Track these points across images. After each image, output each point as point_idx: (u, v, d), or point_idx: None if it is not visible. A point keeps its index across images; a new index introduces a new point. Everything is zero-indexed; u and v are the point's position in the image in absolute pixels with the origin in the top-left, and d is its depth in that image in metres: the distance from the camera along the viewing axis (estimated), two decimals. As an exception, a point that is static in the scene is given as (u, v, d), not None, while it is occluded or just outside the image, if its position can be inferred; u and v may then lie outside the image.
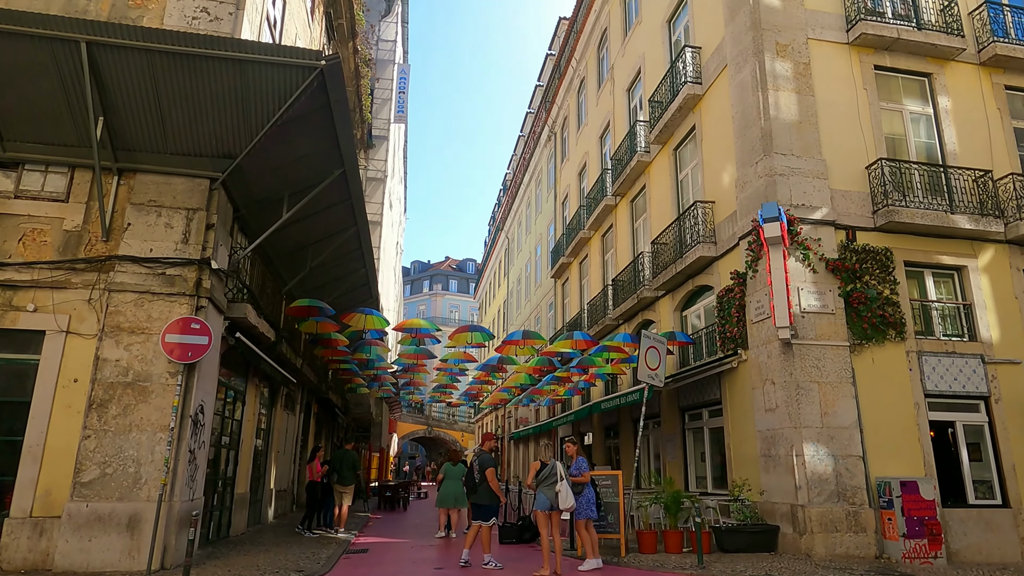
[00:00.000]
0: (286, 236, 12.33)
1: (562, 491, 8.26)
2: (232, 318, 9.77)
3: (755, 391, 11.01)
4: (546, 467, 8.46)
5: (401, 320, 13.76)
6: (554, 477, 8.33)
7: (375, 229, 27.35)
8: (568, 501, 8.32)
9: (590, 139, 23.04)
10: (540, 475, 8.46)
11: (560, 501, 8.29)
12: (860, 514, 9.70)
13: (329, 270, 14.90)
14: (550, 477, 8.38)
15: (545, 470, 8.44)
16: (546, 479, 8.40)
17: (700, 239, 12.97)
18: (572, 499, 8.35)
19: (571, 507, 8.38)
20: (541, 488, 8.40)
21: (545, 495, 8.36)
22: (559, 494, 8.26)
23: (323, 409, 21.47)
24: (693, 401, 13.74)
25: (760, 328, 10.97)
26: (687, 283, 14.11)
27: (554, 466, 8.42)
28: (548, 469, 8.43)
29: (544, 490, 8.37)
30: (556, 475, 8.32)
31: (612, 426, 19.25)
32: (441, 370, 17.53)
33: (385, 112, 29.12)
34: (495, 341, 21.72)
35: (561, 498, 8.28)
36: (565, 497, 8.31)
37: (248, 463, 12.07)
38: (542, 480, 8.41)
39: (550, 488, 8.34)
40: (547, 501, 8.34)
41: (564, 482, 8.31)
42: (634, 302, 16.29)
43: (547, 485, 8.37)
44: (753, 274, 11.18)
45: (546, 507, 8.37)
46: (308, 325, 13.17)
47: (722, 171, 12.91)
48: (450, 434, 55.09)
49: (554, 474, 8.34)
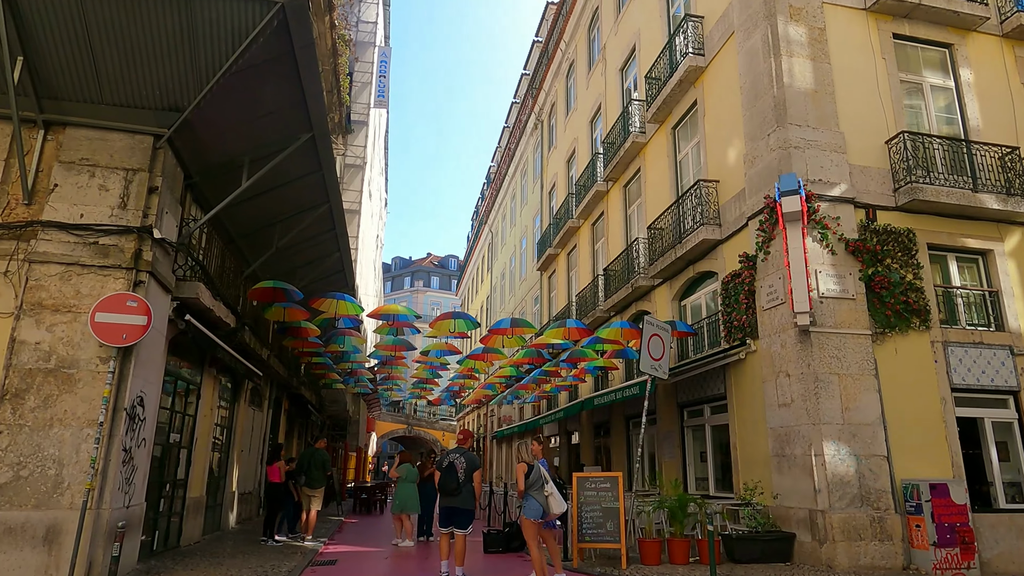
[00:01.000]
0: (249, 211, 11.14)
1: (553, 495, 7.38)
2: (181, 298, 8.57)
3: (766, 384, 10.02)
4: (533, 469, 7.49)
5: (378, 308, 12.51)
6: (541, 480, 7.43)
7: (353, 218, 26.09)
8: (561, 505, 7.44)
9: (579, 124, 22.01)
10: (528, 479, 7.45)
11: (553, 506, 7.36)
12: (886, 520, 8.75)
13: (300, 253, 13.69)
14: (538, 480, 7.45)
15: (533, 473, 7.48)
16: (534, 483, 7.45)
17: (703, 221, 11.97)
18: (564, 504, 7.48)
19: (562, 512, 7.47)
20: (530, 493, 7.42)
21: (536, 501, 7.38)
22: (549, 498, 7.35)
23: (295, 406, 20.21)
24: (693, 396, 12.74)
25: (773, 315, 9.98)
26: (687, 270, 13.10)
27: (539, 468, 7.51)
28: (535, 472, 7.48)
29: (534, 495, 7.41)
30: (542, 478, 7.44)
31: (602, 424, 18.22)
32: (421, 363, 16.29)
33: (365, 96, 27.84)
34: (480, 331, 20.60)
35: (553, 503, 7.37)
36: (558, 501, 7.43)
37: (204, 463, 10.84)
38: (530, 484, 7.44)
39: (540, 493, 7.40)
40: (539, 508, 7.36)
41: (551, 484, 7.47)
42: (628, 292, 15.27)
43: (536, 490, 7.43)
44: (765, 256, 10.19)
45: (538, 515, 7.38)
46: (274, 312, 11.95)
47: (728, 147, 11.93)
48: (431, 433, 53.80)
49: (541, 477, 7.44)
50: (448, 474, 7.82)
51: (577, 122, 22.39)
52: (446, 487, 7.76)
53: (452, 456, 8.03)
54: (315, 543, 10.92)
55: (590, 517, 8.81)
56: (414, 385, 20.76)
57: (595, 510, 8.82)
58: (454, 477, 7.80)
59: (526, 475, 7.42)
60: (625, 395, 11.86)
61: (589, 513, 8.82)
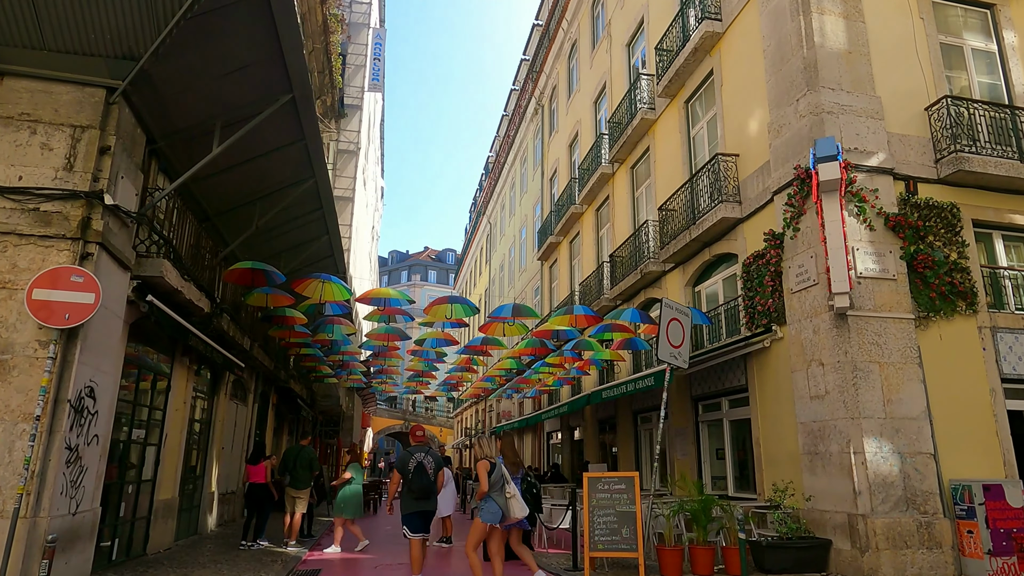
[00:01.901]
0: (225, 186, 10.16)
1: (515, 497, 6.69)
2: (143, 277, 7.58)
3: (796, 374, 9.07)
4: (495, 468, 6.82)
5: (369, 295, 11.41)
6: (502, 480, 6.76)
7: (347, 206, 25.11)
8: (523, 509, 6.71)
9: (583, 106, 21.02)
10: (490, 479, 6.75)
11: (514, 509, 6.62)
12: (934, 526, 7.82)
13: (284, 236, 12.71)
14: (499, 480, 6.78)
15: (495, 472, 6.79)
16: (495, 483, 6.77)
17: (722, 199, 11.01)
18: (525, 507, 6.78)
19: (523, 516, 6.74)
20: (490, 495, 6.74)
21: (496, 503, 6.68)
22: (511, 501, 6.65)
23: (284, 401, 19.23)
24: (709, 389, 11.80)
25: (803, 298, 9.03)
26: (703, 252, 12.14)
27: (500, 464, 6.89)
28: (497, 471, 6.80)
29: (494, 497, 6.72)
30: (503, 478, 6.78)
31: (608, 420, 17.29)
32: (416, 354, 15.31)
33: (358, 80, 26.83)
34: (480, 318, 19.58)
35: (515, 506, 6.64)
36: (520, 504, 6.70)
37: (177, 462, 9.87)
38: (491, 485, 6.76)
39: (501, 494, 6.72)
40: (498, 511, 6.67)
41: (512, 484, 6.79)
42: (636, 278, 14.32)
43: (496, 491, 6.75)
44: (794, 234, 9.24)
45: (496, 519, 6.68)
46: (256, 298, 10.96)
47: (748, 118, 10.96)
48: (429, 429, 52.93)
49: (502, 476, 6.78)
50: (419, 475, 7.12)
51: (580, 104, 21.40)
52: (421, 490, 7.11)
53: (418, 456, 7.27)
54: (298, 549, 9.97)
55: (603, 522, 7.86)
56: (409, 378, 19.78)
57: (609, 514, 7.88)
58: (427, 478, 7.13)
59: (489, 473, 6.71)
60: (638, 387, 10.91)
61: (602, 518, 7.88)
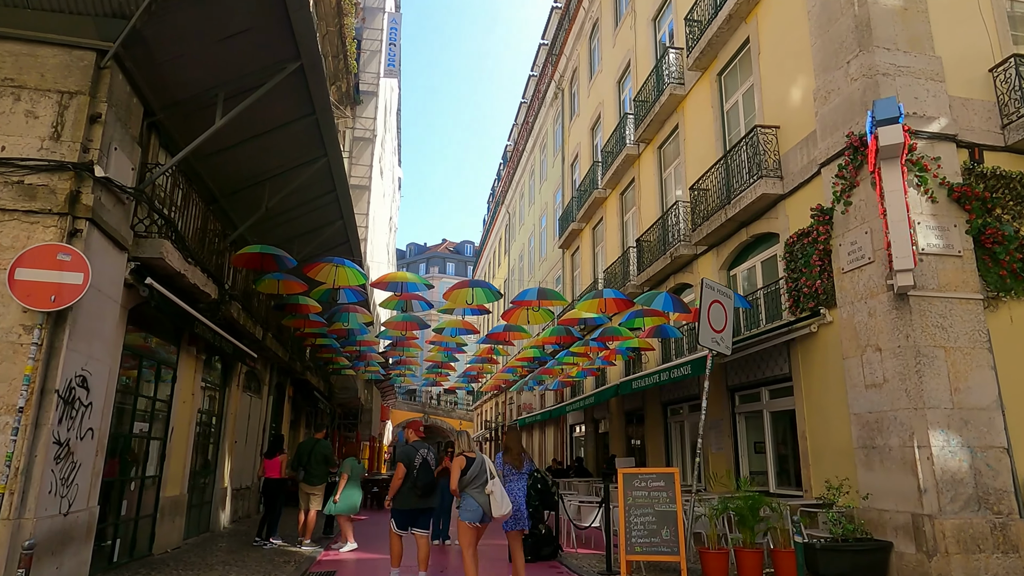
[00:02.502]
0: (232, 165, 9.61)
1: (495, 493, 6.38)
2: (141, 259, 7.04)
3: (848, 361, 8.31)
4: (473, 463, 6.54)
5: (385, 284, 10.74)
6: (484, 476, 6.50)
7: (363, 194, 24.60)
8: (505, 506, 6.39)
9: (605, 87, 20.23)
10: (467, 475, 6.49)
11: (494, 507, 6.32)
12: (1009, 527, 7.05)
13: (297, 221, 12.17)
14: (479, 477, 6.50)
15: (473, 468, 6.52)
16: (474, 480, 6.49)
17: (761, 174, 10.24)
18: (509, 504, 6.45)
19: (508, 514, 6.43)
20: (468, 492, 6.47)
21: (476, 501, 6.41)
22: (491, 497, 6.35)
23: (301, 393, 18.80)
24: (748, 378, 11.06)
25: (856, 278, 8.26)
26: (739, 233, 11.38)
27: (482, 462, 6.59)
28: (476, 466, 6.53)
29: (473, 494, 6.44)
30: (486, 473, 6.51)
31: (635, 412, 16.60)
32: (435, 343, 14.67)
33: (374, 66, 26.24)
34: (503, 304, 18.88)
35: (495, 503, 6.33)
36: (500, 501, 6.37)
37: (185, 457, 9.38)
38: (469, 481, 6.49)
39: (480, 492, 6.43)
40: (477, 509, 6.38)
41: (496, 480, 6.50)
42: (665, 263, 13.59)
43: (476, 488, 6.47)
44: (845, 208, 8.47)
45: (475, 517, 6.39)
46: (267, 285, 10.43)
47: (790, 86, 10.18)
48: (448, 422, 52.52)
49: (484, 472, 6.52)
50: (425, 472, 7.16)
51: (602, 85, 20.62)
52: (424, 487, 7.13)
53: (423, 451, 7.33)
54: (313, 549, 9.45)
55: (641, 523, 7.21)
56: (428, 370, 19.20)
57: (647, 514, 7.22)
58: (430, 476, 7.21)
59: (463, 471, 6.43)
60: (673, 376, 10.20)
61: (640, 518, 7.22)
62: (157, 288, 7.08)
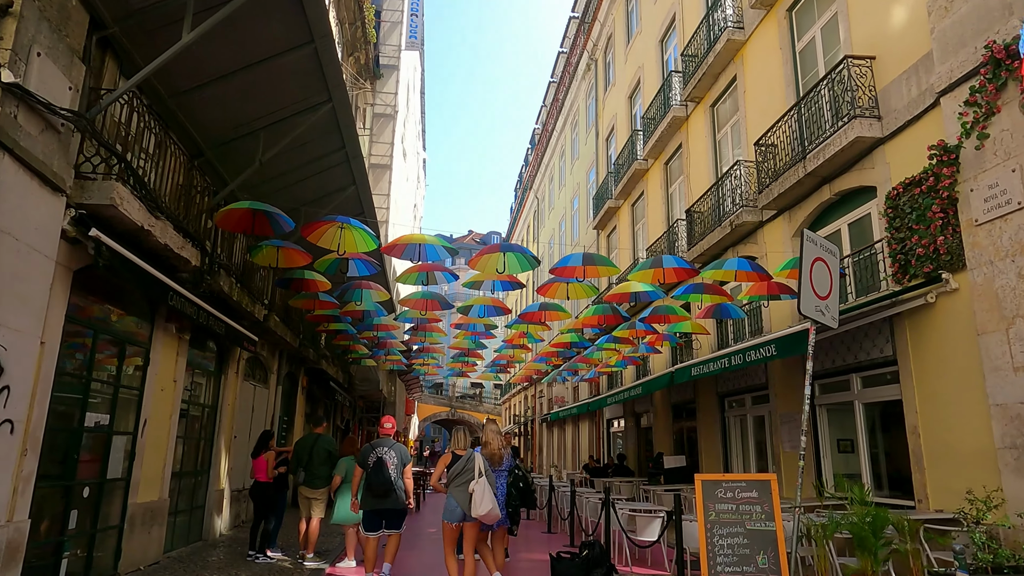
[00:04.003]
0: (216, 105, 8.11)
1: (476, 491, 5.98)
2: (87, 206, 5.55)
3: (987, 338, 6.49)
4: (459, 459, 6.30)
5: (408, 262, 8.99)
6: (470, 474, 6.13)
7: (384, 173, 23.16)
8: (484, 505, 5.94)
9: (646, 49, 18.41)
10: (451, 472, 6.26)
11: (473, 506, 5.93)
12: None
13: (301, 186, 10.67)
14: (464, 474, 6.16)
15: (458, 464, 6.25)
16: (458, 476, 6.19)
17: (854, 114, 8.41)
18: (492, 503, 5.99)
19: (492, 515, 6.00)
20: (452, 490, 6.20)
21: (455, 499, 6.13)
22: (472, 496, 5.97)
23: (317, 384, 17.40)
24: (832, 363, 9.26)
25: (998, 230, 6.43)
26: (820, 190, 9.57)
27: (471, 458, 6.25)
28: (462, 462, 6.24)
29: (455, 492, 6.15)
30: (473, 471, 6.13)
31: (684, 404, 14.85)
32: (461, 327, 12.95)
33: (395, 38, 24.75)
34: (535, 279, 17.07)
35: (475, 501, 5.93)
36: (480, 499, 5.93)
37: (165, 455, 7.92)
38: (452, 479, 6.22)
39: (462, 490, 6.10)
40: (457, 508, 6.10)
41: (483, 479, 6.07)
42: (724, 233, 11.81)
43: (458, 486, 6.16)
44: (980, 142, 6.63)
45: (455, 517, 6.13)
46: (265, 255, 8.89)
47: (889, 8, 8.33)
48: (475, 416, 51.19)
49: (470, 469, 6.16)
50: (378, 472, 6.72)
51: (642, 47, 18.80)
52: (377, 488, 6.68)
53: (380, 450, 6.86)
54: (317, 564, 7.93)
55: (729, 544, 5.51)
56: (453, 358, 17.57)
57: (736, 534, 5.52)
58: (385, 476, 6.71)
59: (448, 467, 6.25)
60: (751, 359, 8.38)
61: (726, 539, 5.53)
62: (106, 243, 5.56)
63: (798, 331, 7.42)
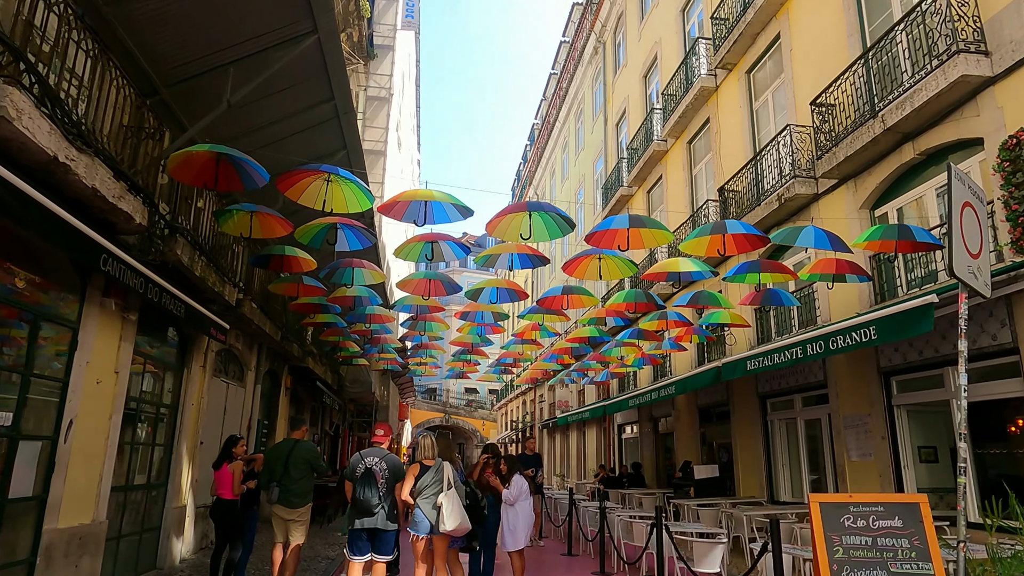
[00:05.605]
0: (172, 26, 6.50)
1: (444, 505, 5.57)
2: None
3: None
4: (428, 470, 5.81)
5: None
6: (438, 485, 5.71)
7: (378, 160, 21.55)
8: (456, 520, 5.54)
9: (665, 21, 16.95)
10: (419, 484, 5.76)
11: (442, 521, 5.52)
12: None
13: (284, 145, 9.07)
14: (433, 485, 5.73)
15: (426, 476, 5.77)
16: (426, 488, 5.73)
17: (957, 48, 6.91)
18: (461, 516, 5.60)
19: (461, 529, 5.61)
20: (419, 501, 5.73)
21: (422, 512, 5.68)
22: (441, 510, 5.56)
23: (303, 384, 15.74)
24: (914, 357, 7.73)
25: None
26: (900, 150, 8.07)
27: (439, 468, 5.83)
28: (431, 473, 5.78)
29: (422, 504, 5.70)
30: (442, 482, 5.72)
31: (714, 407, 13.30)
32: (467, 317, 11.16)
33: (390, 17, 23.20)
34: (560, 252, 15.24)
35: (443, 515, 5.52)
36: (449, 513, 5.54)
37: (102, 465, 6.27)
38: (421, 490, 5.75)
39: (429, 503, 5.68)
40: (425, 521, 5.65)
41: (452, 491, 5.67)
42: (770, 209, 10.30)
43: (426, 498, 5.72)
44: None
45: (423, 530, 5.69)
46: (236, 223, 7.23)
47: (998, -80, 6.86)
48: (470, 423, 49.49)
49: (438, 480, 5.73)
50: (365, 485, 5.82)
51: (659, 20, 17.34)
52: (363, 503, 5.79)
53: (370, 460, 6.00)
54: (294, 603, 6.29)
55: (866, 594, 3.94)
56: (455, 356, 15.85)
57: (875, 574, 3.95)
58: (373, 489, 5.82)
59: (416, 478, 5.77)
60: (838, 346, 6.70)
61: (863, 586, 3.95)
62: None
63: (917, 306, 5.83)
